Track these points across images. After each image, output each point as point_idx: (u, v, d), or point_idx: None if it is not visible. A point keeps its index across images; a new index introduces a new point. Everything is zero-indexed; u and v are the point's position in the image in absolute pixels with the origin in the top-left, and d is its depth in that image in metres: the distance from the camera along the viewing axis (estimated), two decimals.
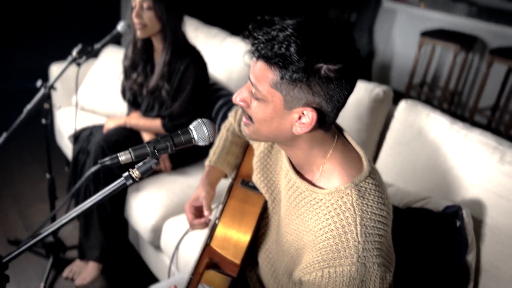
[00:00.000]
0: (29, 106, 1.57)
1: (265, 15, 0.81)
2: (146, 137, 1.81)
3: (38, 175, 2.38)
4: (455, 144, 1.34)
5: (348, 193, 0.83)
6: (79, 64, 1.62)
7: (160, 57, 1.76)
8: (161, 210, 1.65)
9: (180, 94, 1.76)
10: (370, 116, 1.60)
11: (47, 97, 1.60)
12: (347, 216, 0.82)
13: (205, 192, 1.18)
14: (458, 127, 1.36)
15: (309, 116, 0.80)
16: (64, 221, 0.84)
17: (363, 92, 1.61)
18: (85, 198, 1.73)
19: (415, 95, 4.36)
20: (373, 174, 0.88)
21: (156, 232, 1.63)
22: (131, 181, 0.84)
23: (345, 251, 0.80)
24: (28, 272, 1.83)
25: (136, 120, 1.84)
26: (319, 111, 0.80)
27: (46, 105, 1.62)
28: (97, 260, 1.71)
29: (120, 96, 1.99)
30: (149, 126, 1.81)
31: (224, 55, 2.18)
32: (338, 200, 0.84)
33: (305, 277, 0.84)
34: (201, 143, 0.87)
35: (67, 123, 2.24)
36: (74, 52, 1.61)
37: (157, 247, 1.66)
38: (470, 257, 1.19)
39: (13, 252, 0.84)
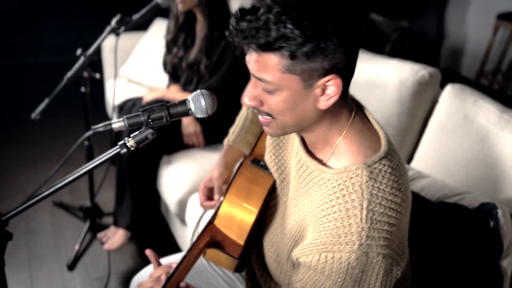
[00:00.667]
0: (69, 74, 1.62)
1: None
2: None
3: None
4: (503, 135, 1.19)
5: (358, 174, 0.75)
6: (118, 34, 1.65)
7: (200, 31, 1.73)
8: (189, 185, 1.64)
9: (218, 70, 1.73)
10: (413, 100, 1.47)
11: (87, 66, 1.65)
12: (353, 199, 0.74)
13: (218, 173, 1.14)
14: (508, 117, 1.20)
15: (334, 84, 0.73)
16: (61, 184, 0.85)
17: (407, 73, 1.48)
18: (119, 167, 1.77)
19: (486, 84, 4.01)
20: (391, 156, 0.79)
21: (182, 205, 1.63)
22: (125, 149, 0.82)
23: (347, 236, 0.73)
24: (66, 233, 1.93)
25: (174, 93, 1.84)
26: (341, 73, 0.73)
27: (85, 74, 1.66)
28: (127, 227, 1.75)
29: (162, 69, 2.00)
30: None
31: None
32: (346, 180, 0.76)
33: (302, 258, 0.78)
34: (198, 115, 0.83)
35: (115, 95, 2.30)
36: (113, 22, 1.63)
37: (182, 220, 1.67)
38: (506, 263, 1.06)
39: (13, 210, 0.86)
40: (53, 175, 0.98)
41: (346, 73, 0.74)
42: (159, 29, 2.34)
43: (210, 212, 1.41)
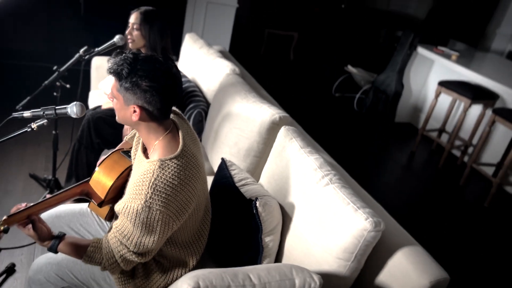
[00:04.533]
0: (46, 82, 2.34)
1: None
2: None
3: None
4: (298, 161, 1.79)
5: (154, 164, 1.36)
6: (83, 61, 2.36)
7: None
8: None
9: None
10: (267, 133, 2.09)
11: (60, 77, 2.35)
12: (148, 176, 1.33)
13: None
14: (304, 151, 1.81)
15: (137, 111, 1.36)
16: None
17: (268, 114, 2.10)
18: (72, 151, 2.46)
19: (432, 137, 4.54)
20: (179, 159, 1.36)
21: None
22: (30, 129, 1.49)
23: (139, 195, 1.29)
24: (32, 197, 2.62)
25: None
26: (143, 108, 1.35)
27: (57, 83, 2.37)
28: None
29: None
30: None
31: (211, 70, 2.79)
32: (150, 166, 1.36)
33: (118, 207, 1.40)
34: (72, 116, 1.49)
35: (93, 102, 3.02)
36: (81, 51, 2.34)
37: None
38: (268, 239, 1.65)
39: None
40: None
41: (150, 111, 1.32)
42: None
43: None
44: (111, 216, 1.69)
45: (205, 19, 4.68)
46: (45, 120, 1.49)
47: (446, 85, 4.11)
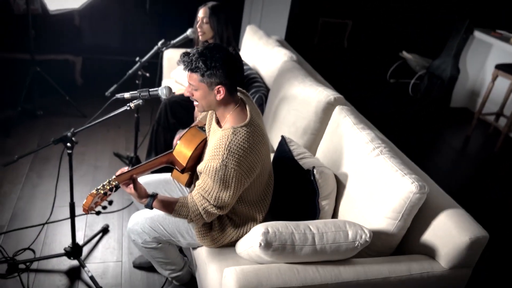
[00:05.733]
0: (129, 71, 2.71)
1: None
2: None
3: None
4: (351, 136, 2.02)
5: (229, 131, 1.64)
6: (161, 52, 2.70)
7: None
8: None
9: None
10: (323, 113, 2.32)
11: (141, 67, 2.71)
12: (224, 141, 1.62)
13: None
14: (357, 127, 2.03)
15: (221, 90, 1.65)
16: (90, 124, 1.88)
17: (322, 96, 2.33)
18: (151, 131, 2.82)
19: (489, 121, 4.54)
20: (248, 126, 1.64)
21: None
22: (129, 107, 1.83)
23: (217, 156, 1.59)
24: (114, 172, 3.03)
25: None
26: (225, 85, 1.63)
27: (139, 72, 2.74)
28: None
29: None
30: None
31: (270, 58, 3.05)
32: (224, 133, 1.66)
33: (199, 168, 1.70)
34: (162, 96, 1.81)
35: None
36: (159, 44, 2.69)
37: None
38: (324, 202, 1.89)
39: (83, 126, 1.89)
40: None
41: (228, 85, 1.63)
42: None
43: None
44: (190, 182, 2.00)
45: (262, 9, 4.94)
46: (141, 100, 1.82)
47: (503, 68, 4.11)
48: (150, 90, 1.82)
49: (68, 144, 1.85)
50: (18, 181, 2.82)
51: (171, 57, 3.39)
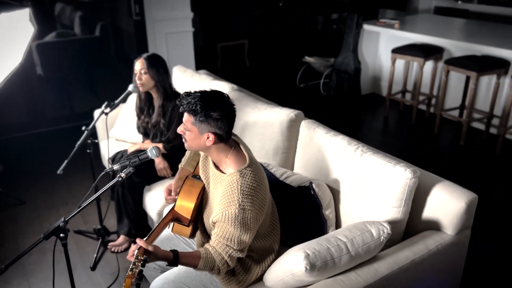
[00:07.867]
0: (78, 142, 2.57)
1: None
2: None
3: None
4: (326, 144, 2.16)
5: (235, 175, 1.66)
6: (106, 114, 2.61)
7: (156, 102, 2.71)
8: (163, 202, 2.57)
9: (171, 125, 2.70)
10: (288, 131, 2.44)
11: (89, 136, 2.60)
12: (235, 185, 1.63)
13: (175, 181, 2.06)
14: (330, 135, 2.17)
15: (211, 137, 1.67)
16: (82, 207, 1.78)
17: (283, 115, 2.45)
18: (117, 196, 2.70)
19: (398, 100, 5.07)
20: (251, 166, 1.68)
21: (160, 215, 2.56)
22: (120, 179, 1.76)
23: (232, 202, 1.60)
24: (86, 249, 2.83)
25: (147, 145, 2.79)
26: (215, 134, 1.66)
27: (88, 141, 2.61)
28: (126, 234, 2.68)
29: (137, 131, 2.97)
30: None
31: None
32: (231, 178, 1.67)
33: (215, 218, 1.69)
34: (153, 157, 1.78)
35: (106, 150, 3.25)
36: (103, 107, 2.60)
37: None
38: (327, 212, 2.01)
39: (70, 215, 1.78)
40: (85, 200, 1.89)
41: (219, 135, 1.65)
42: (132, 101, 3.33)
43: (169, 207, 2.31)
44: (194, 232, 1.98)
45: (167, 48, 4.96)
46: (131, 168, 1.76)
47: (398, 51, 4.63)
48: (139, 155, 1.78)
49: (62, 235, 1.73)
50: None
51: (102, 118, 3.23)
